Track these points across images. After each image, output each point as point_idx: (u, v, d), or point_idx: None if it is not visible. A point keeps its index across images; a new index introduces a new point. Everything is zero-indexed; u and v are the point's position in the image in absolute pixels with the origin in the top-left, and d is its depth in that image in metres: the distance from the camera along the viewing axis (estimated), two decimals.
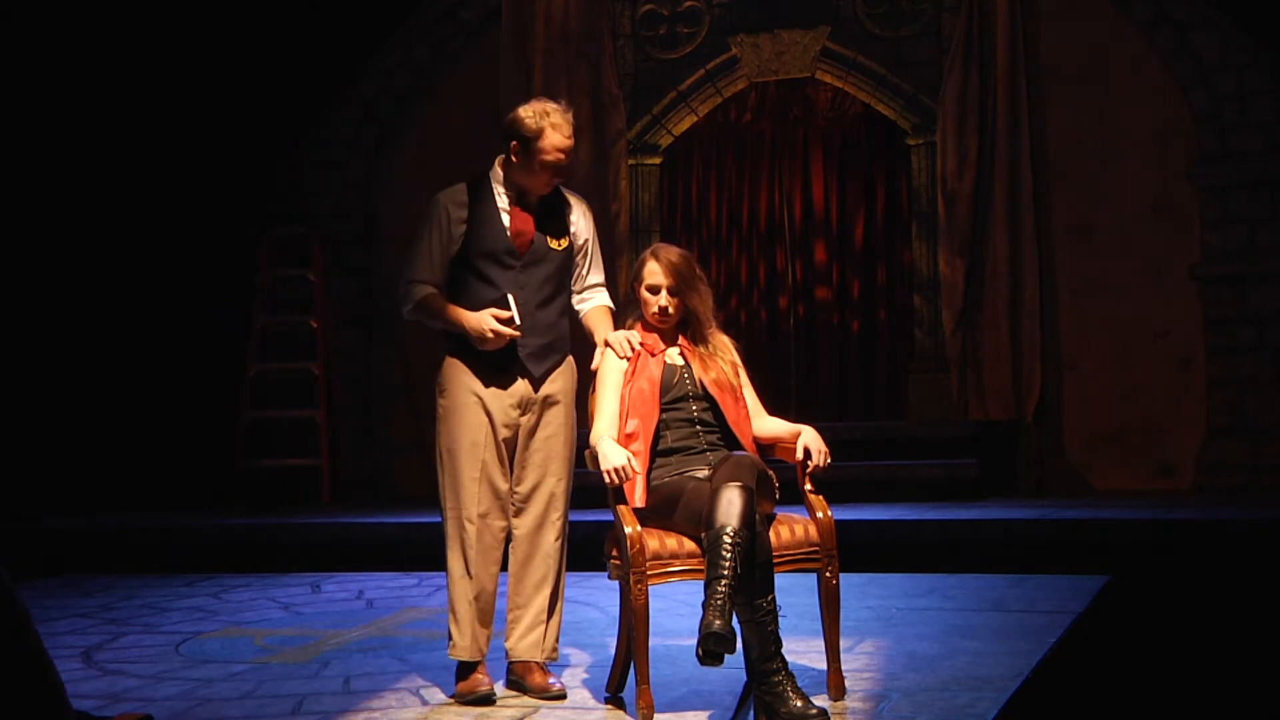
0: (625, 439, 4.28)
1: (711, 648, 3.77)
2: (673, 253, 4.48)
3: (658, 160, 10.45)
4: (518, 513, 4.55)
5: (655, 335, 4.49)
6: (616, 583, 4.26)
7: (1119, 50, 9.31)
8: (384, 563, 7.70)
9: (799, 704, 3.86)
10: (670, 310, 4.43)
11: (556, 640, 4.59)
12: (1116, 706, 4.35)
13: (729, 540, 3.87)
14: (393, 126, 10.72)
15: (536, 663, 4.52)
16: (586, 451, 4.30)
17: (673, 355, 4.46)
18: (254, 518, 8.79)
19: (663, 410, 4.35)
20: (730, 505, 3.92)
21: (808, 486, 4.30)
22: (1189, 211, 9.12)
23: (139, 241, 9.90)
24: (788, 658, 3.98)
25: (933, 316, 9.63)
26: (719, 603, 3.81)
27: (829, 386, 10.16)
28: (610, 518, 4.22)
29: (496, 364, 4.49)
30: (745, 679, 4.11)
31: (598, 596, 6.32)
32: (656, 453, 4.32)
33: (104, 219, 9.76)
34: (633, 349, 4.43)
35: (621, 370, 4.42)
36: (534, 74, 10.22)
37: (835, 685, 4.20)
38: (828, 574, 4.20)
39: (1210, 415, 8.99)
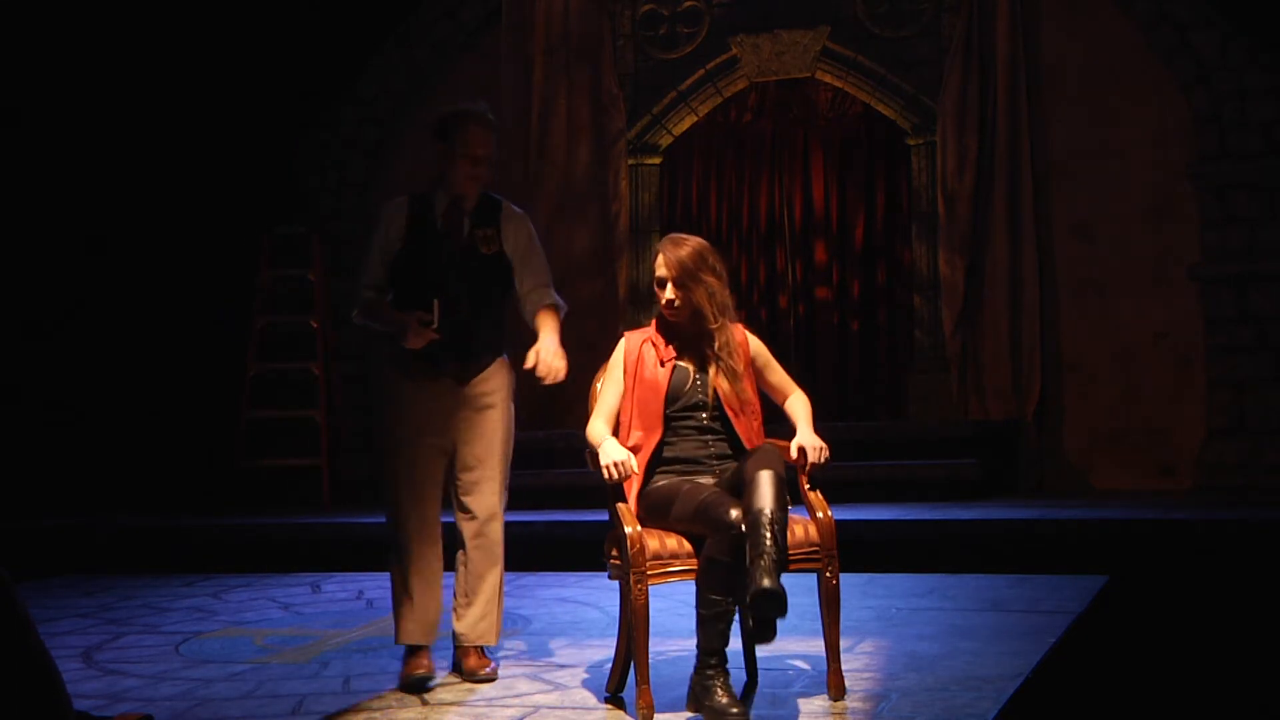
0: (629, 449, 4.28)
1: (765, 610, 3.79)
2: (682, 243, 4.39)
3: (658, 160, 10.45)
4: (467, 506, 4.79)
5: (671, 341, 4.41)
6: (616, 583, 4.26)
7: (1119, 50, 9.31)
8: (384, 563, 7.68)
9: (724, 700, 3.93)
10: (676, 303, 4.35)
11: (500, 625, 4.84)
12: (1116, 706, 4.35)
13: (768, 519, 3.89)
14: (393, 126, 10.73)
15: (475, 647, 4.74)
16: (587, 452, 4.30)
17: (686, 361, 4.38)
18: (254, 518, 8.78)
19: (670, 420, 4.32)
20: (765, 489, 3.94)
21: (807, 486, 4.30)
22: (1189, 211, 9.12)
23: (139, 241, 9.90)
24: (788, 658, 3.98)
25: (933, 316, 9.62)
26: (765, 565, 3.83)
27: (829, 387, 10.15)
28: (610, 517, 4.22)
29: (432, 363, 4.73)
30: (745, 678, 4.11)
31: (598, 596, 6.32)
32: (662, 460, 4.31)
33: (105, 219, 9.76)
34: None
35: (632, 370, 4.40)
36: (534, 74, 10.23)
37: (835, 685, 4.20)
38: (828, 574, 4.20)
39: (1210, 415, 8.98)
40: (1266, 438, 8.79)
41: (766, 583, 3.79)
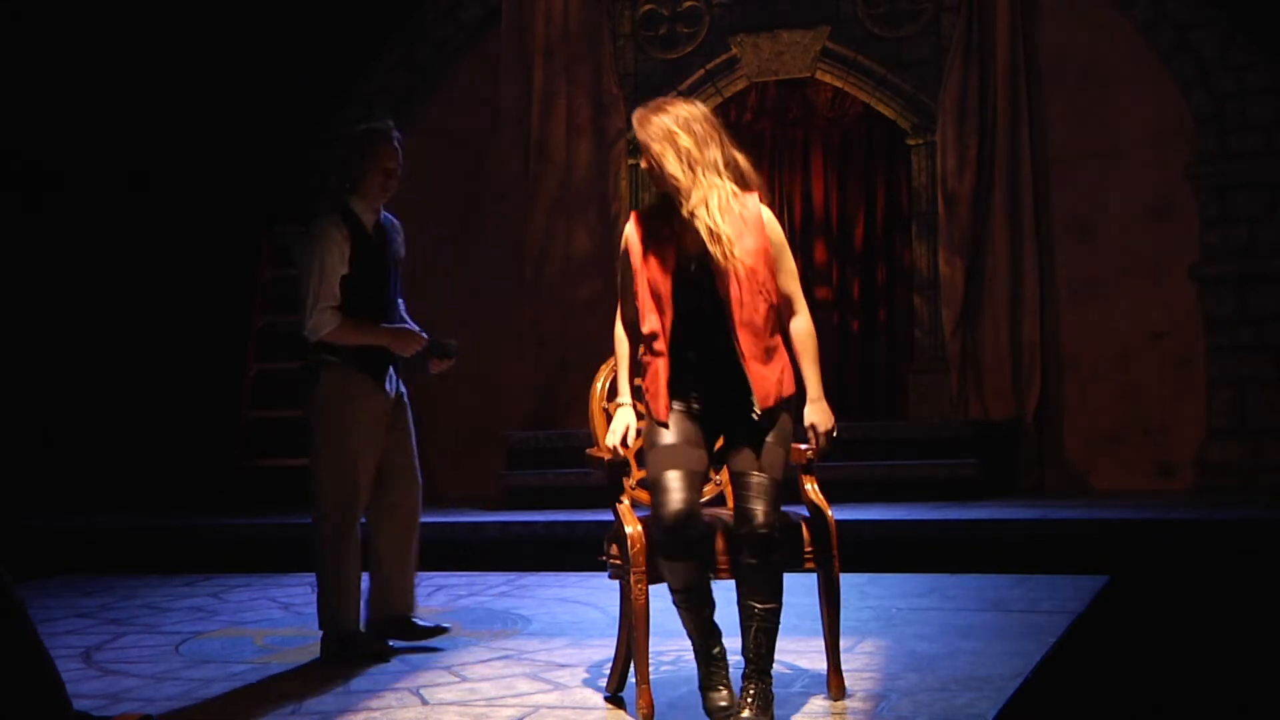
0: (646, 340, 4.03)
1: None
2: (656, 109, 3.98)
3: None
4: (396, 499, 5.24)
5: (669, 215, 4.00)
6: (616, 583, 4.26)
7: (1119, 50, 9.31)
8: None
9: (715, 698, 3.96)
10: (653, 170, 3.95)
11: None
12: (1116, 706, 4.35)
13: (757, 621, 3.92)
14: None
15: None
16: (586, 451, 4.29)
17: (686, 237, 3.97)
18: (254, 518, 8.78)
19: (676, 305, 3.98)
20: (761, 580, 3.92)
21: (808, 486, 4.29)
22: (1189, 211, 9.12)
23: (139, 240, 9.90)
24: (788, 658, 3.99)
25: (933, 316, 9.62)
26: (753, 700, 3.89)
27: (829, 386, 10.01)
28: (610, 517, 4.21)
29: (377, 377, 5.16)
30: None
31: (598, 596, 6.32)
32: (676, 358, 4.02)
33: (105, 218, 9.76)
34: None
35: (637, 250, 4.03)
36: (534, 74, 10.22)
37: (835, 685, 4.20)
38: (828, 574, 4.20)
39: (1210, 415, 8.98)
40: (1266, 438, 8.79)
41: (746, 714, 3.87)
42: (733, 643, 4.01)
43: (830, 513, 4.23)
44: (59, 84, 9.35)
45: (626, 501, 4.17)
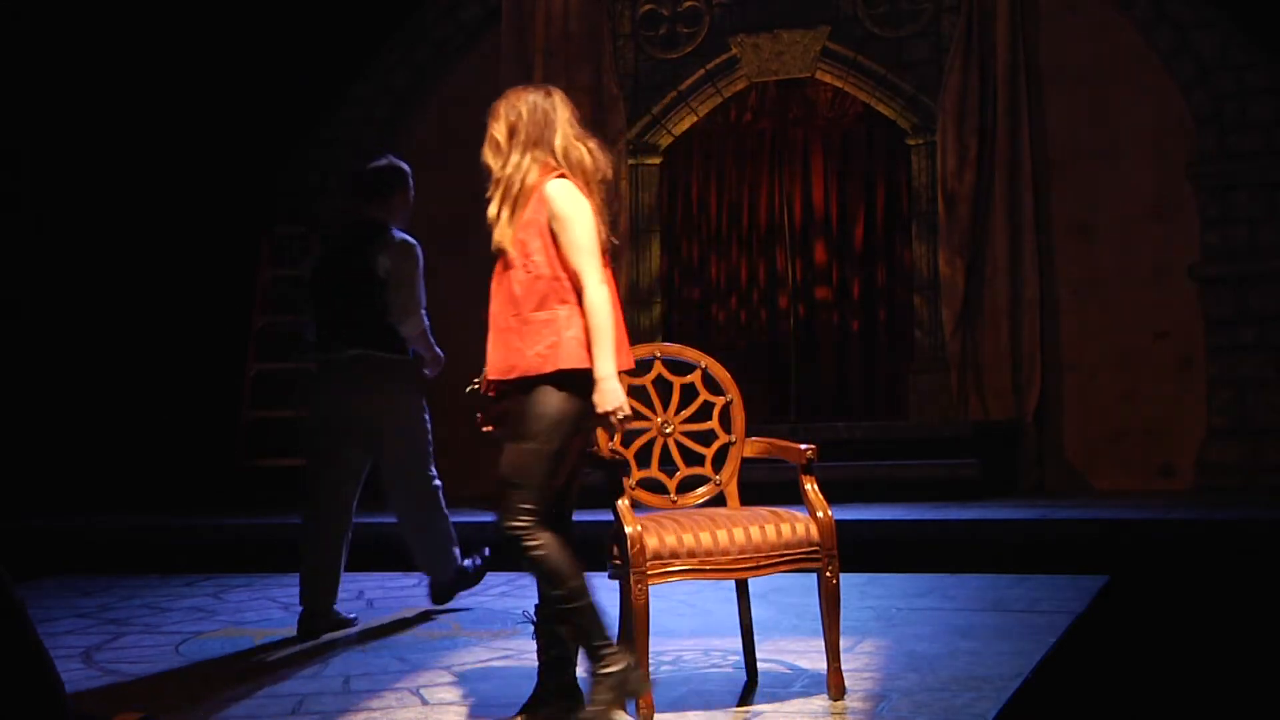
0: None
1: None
2: (501, 96, 4.07)
3: (658, 160, 10.45)
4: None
5: None
6: (616, 583, 4.26)
7: (1119, 50, 9.31)
8: (384, 563, 7.69)
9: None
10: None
11: None
12: (1116, 706, 4.35)
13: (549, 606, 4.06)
14: (392, 126, 10.72)
15: None
16: None
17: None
18: (254, 518, 8.78)
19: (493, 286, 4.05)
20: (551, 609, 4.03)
21: (808, 486, 4.29)
22: (1189, 211, 9.12)
23: (140, 241, 9.90)
24: (789, 658, 3.98)
25: (933, 316, 9.62)
26: (603, 696, 3.91)
27: (829, 386, 10.15)
28: (610, 517, 4.22)
29: None
30: (745, 678, 4.09)
31: (598, 596, 6.31)
32: None
33: (105, 218, 9.76)
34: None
35: None
36: (534, 74, 10.22)
37: (835, 685, 4.20)
38: (828, 574, 4.20)
39: (1210, 415, 8.98)
40: (1266, 438, 8.79)
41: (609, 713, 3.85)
42: (733, 643, 4.00)
43: (830, 513, 4.23)
44: (59, 84, 9.35)
45: (626, 501, 4.17)
